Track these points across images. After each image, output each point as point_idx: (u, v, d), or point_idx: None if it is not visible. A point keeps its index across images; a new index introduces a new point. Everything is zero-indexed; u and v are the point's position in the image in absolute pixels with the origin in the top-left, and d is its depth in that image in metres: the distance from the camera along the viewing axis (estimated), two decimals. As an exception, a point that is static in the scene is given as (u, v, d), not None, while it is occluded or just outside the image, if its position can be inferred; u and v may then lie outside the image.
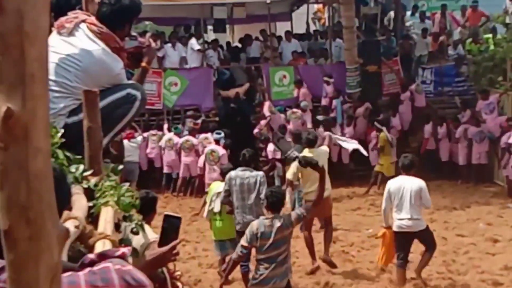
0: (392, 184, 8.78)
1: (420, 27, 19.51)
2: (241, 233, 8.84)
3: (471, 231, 11.59)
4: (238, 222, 8.86)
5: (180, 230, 2.35)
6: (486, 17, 20.00)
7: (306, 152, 9.50)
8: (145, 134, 15.96)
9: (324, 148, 10.42)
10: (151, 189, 13.38)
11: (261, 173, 9.05)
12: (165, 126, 16.35)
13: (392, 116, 16.91)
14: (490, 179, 15.84)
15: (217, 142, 14.99)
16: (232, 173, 8.94)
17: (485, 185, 15.29)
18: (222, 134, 15.03)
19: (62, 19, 3.80)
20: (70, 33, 3.75)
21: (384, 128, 15.22)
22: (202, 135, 15.61)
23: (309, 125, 16.41)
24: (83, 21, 3.79)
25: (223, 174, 9.63)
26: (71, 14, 3.83)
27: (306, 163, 7.37)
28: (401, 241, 8.77)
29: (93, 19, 3.82)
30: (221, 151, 14.74)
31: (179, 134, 15.87)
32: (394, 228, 8.75)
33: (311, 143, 10.06)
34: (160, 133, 16.21)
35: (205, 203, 10.41)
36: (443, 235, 11.40)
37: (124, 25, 3.91)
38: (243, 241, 7.01)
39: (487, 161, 15.84)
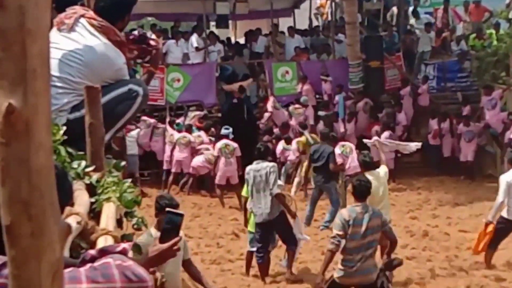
0: (508, 178, 9.09)
1: (418, 24, 19.38)
2: (260, 225, 8.89)
3: (474, 227, 11.53)
4: (255, 214, 8.94)
5: (182, 226, 2.33)
6: (489, 12, 19.94)
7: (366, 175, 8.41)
8: (152, 120, 15.97)
9: (384, 169, 9.31)
10: (151, 184, 13.39)
11: (271, 163, 9.07)
12: (167, 120, 16.27)
13: (398, 112, 16.87)
14: (494, 174, 15.80)
15: (226, 137, 14.92)
16: (248, 167, 9.18)
17: (488, 180, 15.24)
18: (230, 130, 14.99)
19: (61, 15, 3.79)
20: (71, 29, 3.75)
21: (305, 132, 14.78)
22: (196, 133, 15.53)
23: (311, 121, 16.38)
24: (82, 16, 3.79)
25: None
26: (69, 10, 3.82)
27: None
28: (506, 230, 9.20)
29: (92, 13, 3.81)
30: (234, 144, 14.74)
31: (181, 130, 15.79)
32: (509, 217, 9.09)
33: (369, 166, 8.80)
34: (163, 126, 16.17)
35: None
36: (446, 230, 11.41)
37: (124, 16, 3.91)
38: (336, 230, 6.70)
39: (473, 159, 15.90)
